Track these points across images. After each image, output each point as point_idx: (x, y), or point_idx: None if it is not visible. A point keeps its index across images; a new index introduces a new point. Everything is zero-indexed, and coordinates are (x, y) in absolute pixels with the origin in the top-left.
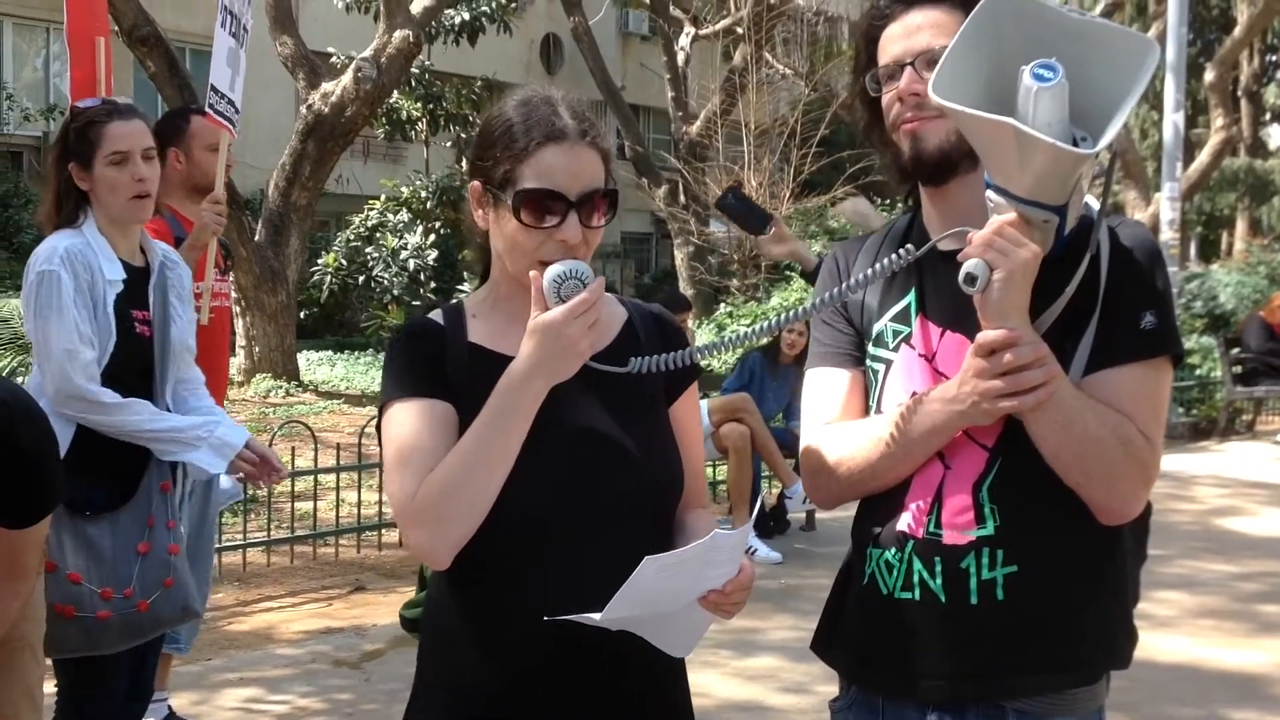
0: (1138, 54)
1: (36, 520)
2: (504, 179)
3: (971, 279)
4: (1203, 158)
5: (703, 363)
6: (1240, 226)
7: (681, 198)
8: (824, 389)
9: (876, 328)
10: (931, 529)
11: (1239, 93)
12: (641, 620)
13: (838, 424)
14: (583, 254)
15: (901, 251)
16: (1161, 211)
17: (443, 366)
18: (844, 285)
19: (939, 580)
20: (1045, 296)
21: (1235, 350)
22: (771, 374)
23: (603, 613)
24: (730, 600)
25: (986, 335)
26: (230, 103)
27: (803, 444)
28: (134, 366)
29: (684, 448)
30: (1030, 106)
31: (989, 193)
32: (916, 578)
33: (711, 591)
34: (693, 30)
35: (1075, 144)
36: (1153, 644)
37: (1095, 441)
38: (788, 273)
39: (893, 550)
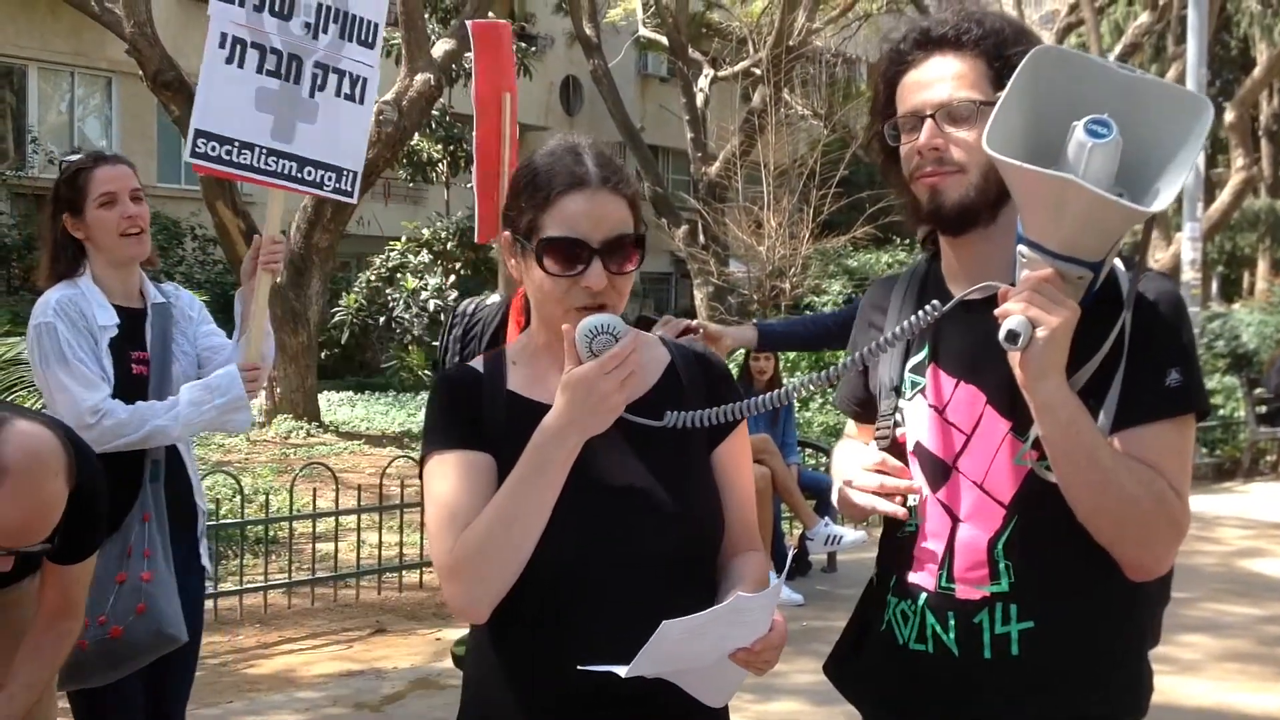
0: (1189, 112)
1: (87, 555)
2: (529, 228)
3: (1014, 337)
4: (1223, 198)
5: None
6: (1262, 266)
7: (701, 238)
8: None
9: (896, 378)
10: (944, 583)
11: (1259, 132)
12: (673, 672)
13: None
14: (611, 300)
15: (928, 308)
16: (1183, 251)
17: (479, 415)
18: (874, 344)
19: (952, 634)
20: (1073, 352)
21: (1258, 390)
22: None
23: (627, 668)
24: (761, 659)
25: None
26: (273, 154)
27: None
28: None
29: (730, 492)
30: (1083, 162)
31: (1021, 247)
32: (930, 631)
33: (740, 649)
34: (711, 72)
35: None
36: (1176, 688)
37: (1132, 501)
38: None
39: (908, 602)
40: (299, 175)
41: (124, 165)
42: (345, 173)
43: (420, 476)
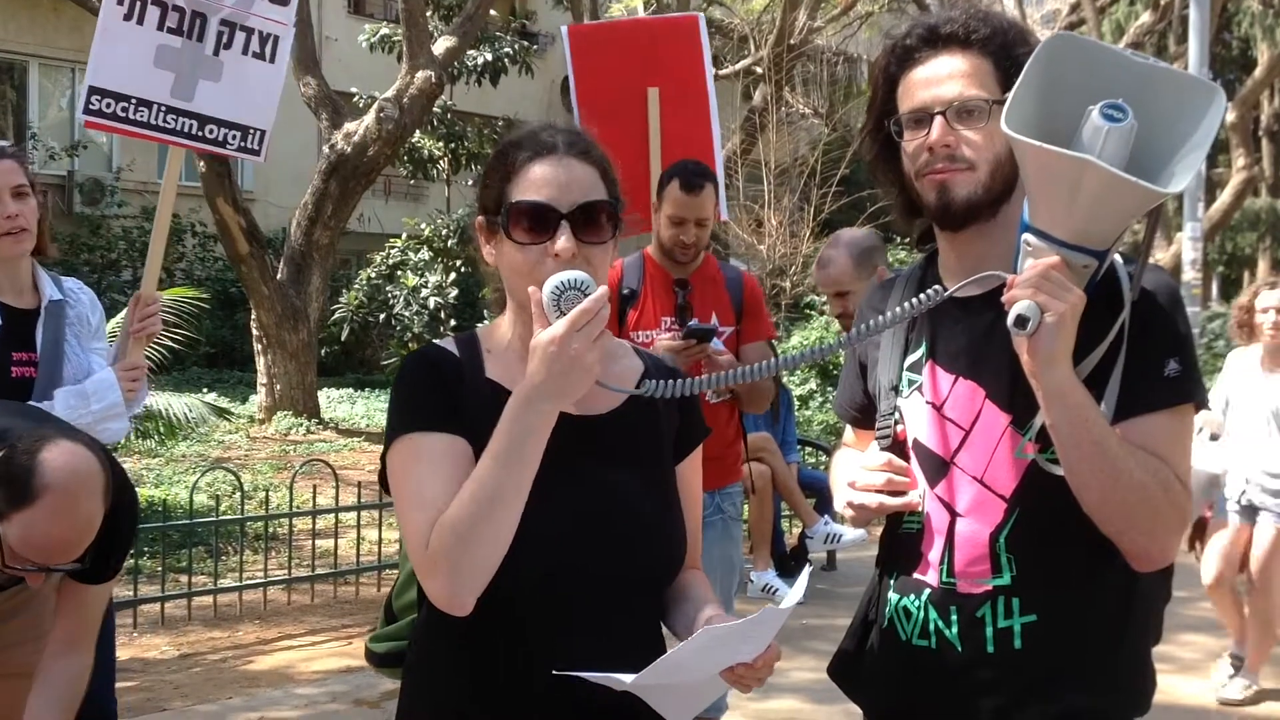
0: (1201, 100)
1: (103, 579)
2: (496, 201)
3: (1023, 321)
4: (1224, 198)
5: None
6: (1262, 266)
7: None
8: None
9: (894, 377)
10: (945, 578)
11: (1260, 133)
12: (658, 687)
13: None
14: (584, 272)
15: (929, 292)
16: (1183, 251)
17: (459, 400)
18: (868, 323)
19: (954, 630)
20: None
21: None
22: None
23: (635, 677)
24: (754, 675)
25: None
26: (174, 112)
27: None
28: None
29: (686, 508)
30: (1099, 145)
31: (1027, 236)
32: (932, 627)
33: (739, 664)
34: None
35: None
36: (1176, 687)
37: (1140, 489)
38: (808, 311)
39: (910, 597)
40: (199, 133)
41: (6, 160)
42: (251, 131)
43: (383, 457)
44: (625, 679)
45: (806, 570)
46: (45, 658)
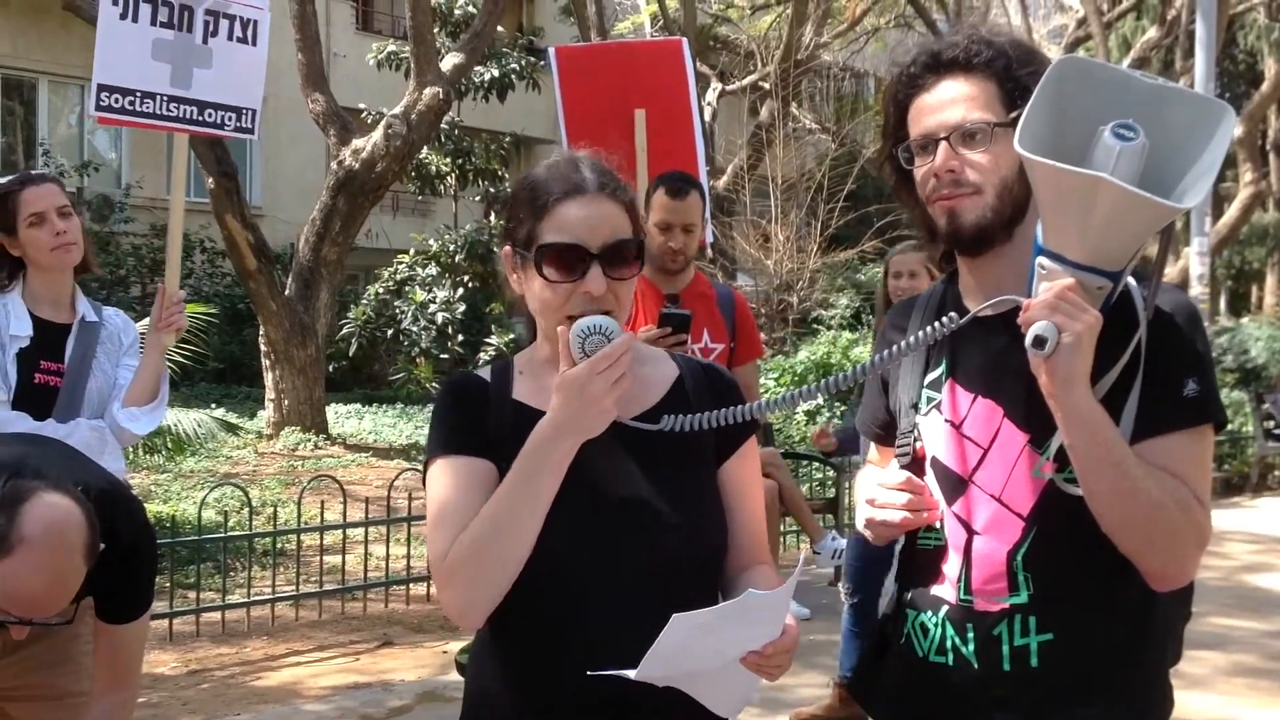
0: (1209, 119)
1: (133, 617)
2: (527, 237)
3: (1041, 341)
4: (1232, 212)
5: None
6: (1270, 281)
7: (708, 251)
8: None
9: (914, 395)
10: (963, 595)
11: (1268, 147)
12: (683, 677)
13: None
14: (611, 306)
15: (945, 319)
16: (1191, 266)
17: (484, 423)
18: (886, 352)
19: (971, 647)
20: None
21: (1267, 405)
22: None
23: (636, 670)
24: (770, 663)
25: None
26: (177, 101)
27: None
28: (33, 412)
29: (739, 506)
30: (1111, 165)
31: (1041, 259)
32: (949, 643)
33: (750, 653)
34: (719, 85)
35: None
36: (1185, 703)
37: (1159, 508)
38: (814, 326)
39: (928, 613)
40: (200, 118)
41: (50, 184)
42: (244, 111)
43: (424, 482)
44: (630, 672)
45: (801, 560)
46: (91, 704)
